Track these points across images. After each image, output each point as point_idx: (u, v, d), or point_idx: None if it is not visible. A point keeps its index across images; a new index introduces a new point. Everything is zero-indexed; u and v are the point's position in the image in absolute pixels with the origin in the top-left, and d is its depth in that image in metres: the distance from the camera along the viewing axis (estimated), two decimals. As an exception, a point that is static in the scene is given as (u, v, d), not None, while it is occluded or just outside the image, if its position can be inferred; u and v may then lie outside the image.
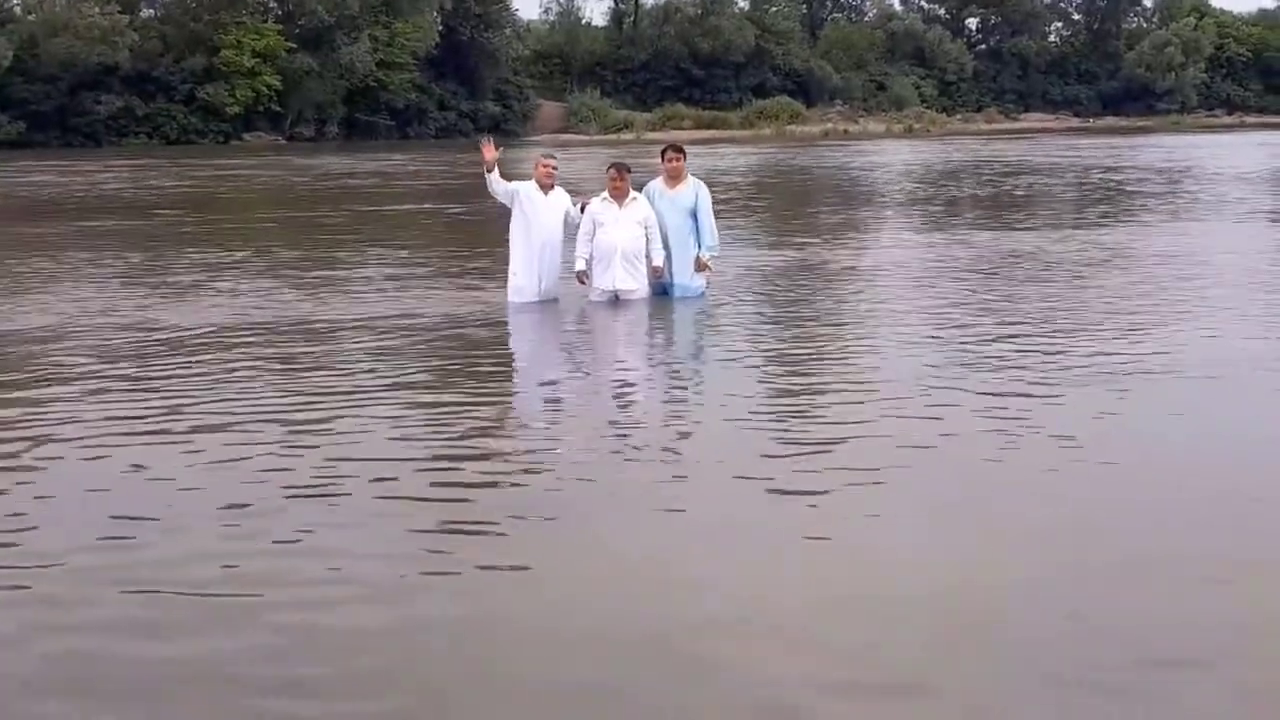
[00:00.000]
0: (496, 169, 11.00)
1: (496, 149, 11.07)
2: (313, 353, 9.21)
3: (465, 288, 12.46)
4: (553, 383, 8.47)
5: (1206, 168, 32.83)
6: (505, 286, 11.25)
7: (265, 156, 46.68)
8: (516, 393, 8.35)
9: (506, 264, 11.27)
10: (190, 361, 8.87)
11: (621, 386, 8.30)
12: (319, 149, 54.45)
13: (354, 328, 10.22)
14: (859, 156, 43.07)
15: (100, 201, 26.17)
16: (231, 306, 11.45)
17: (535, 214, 11.00)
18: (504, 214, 11.33)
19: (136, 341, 9.71)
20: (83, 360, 9.00)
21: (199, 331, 10.08)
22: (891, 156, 42.92)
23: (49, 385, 8.20)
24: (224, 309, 11.30)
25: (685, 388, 8.27)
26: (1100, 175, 30.77)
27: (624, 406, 7.72)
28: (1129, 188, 26.47)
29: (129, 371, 8.60)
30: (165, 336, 9.90)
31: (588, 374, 8.74)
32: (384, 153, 48.98)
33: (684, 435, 6.91)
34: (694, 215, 11.24)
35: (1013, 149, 46.85)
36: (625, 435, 6.87)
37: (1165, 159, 37.62)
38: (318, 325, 10.35)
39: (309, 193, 28.70)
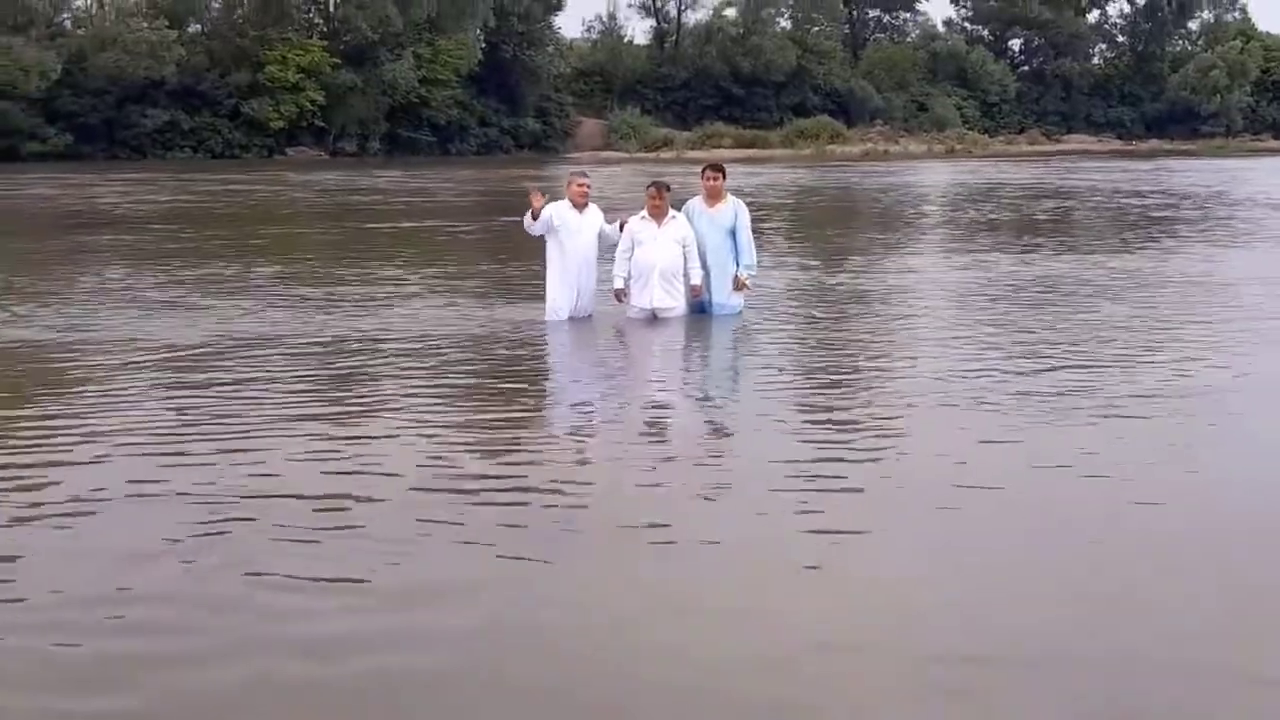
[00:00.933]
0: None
1: (543, 197, 11.13)
2: (350, 365, 9.28)
3: (503, 304, 12.51)
4: (588, 400, 8.49)
5: (1242, 193, 32.55)
6: (543, 303, 11.30)
7: (316, 173, 46.94)
8: (551, 410, 8.37)
9: (543, 280, 11.32)
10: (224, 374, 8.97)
11: (656, 405, 8.32)
12: (363, 164, 54.83)
13: (387, 343, 10.28)
14: (897, 177, 42.94)
15: (170, 213, 26.47)
16: (270, 319, 11.55)
17: (569, 233, 11.05)
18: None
19: (161, 356, 9.84)
20: (144, 369, 9.12)
21: (228, 344, 10.19)
22: (930, 176, 42.79)
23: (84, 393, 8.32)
24: (255, 319, 11.41)
25: (720, 407, 8.28)
26: (1124, 200, 30.54)
27: (658, 426, 7.74)
28: (1158, 213, 26.26)
29: (152, 383, 8.72)
30: (189, 352, 10.01)
31: (623, 392, 8.76)
32: (427, 168, 49.27)
33: (717, 456, 6.93)
34: (733, 234, 11.28)
35: (1049, 171, 46.55)
36: (659, 455, 6.89)
37: (1205, 183, 37.29)
38: (353, 340, 10.42)
39: (360, 207, 28.92)
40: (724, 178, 11.54)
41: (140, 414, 7.69)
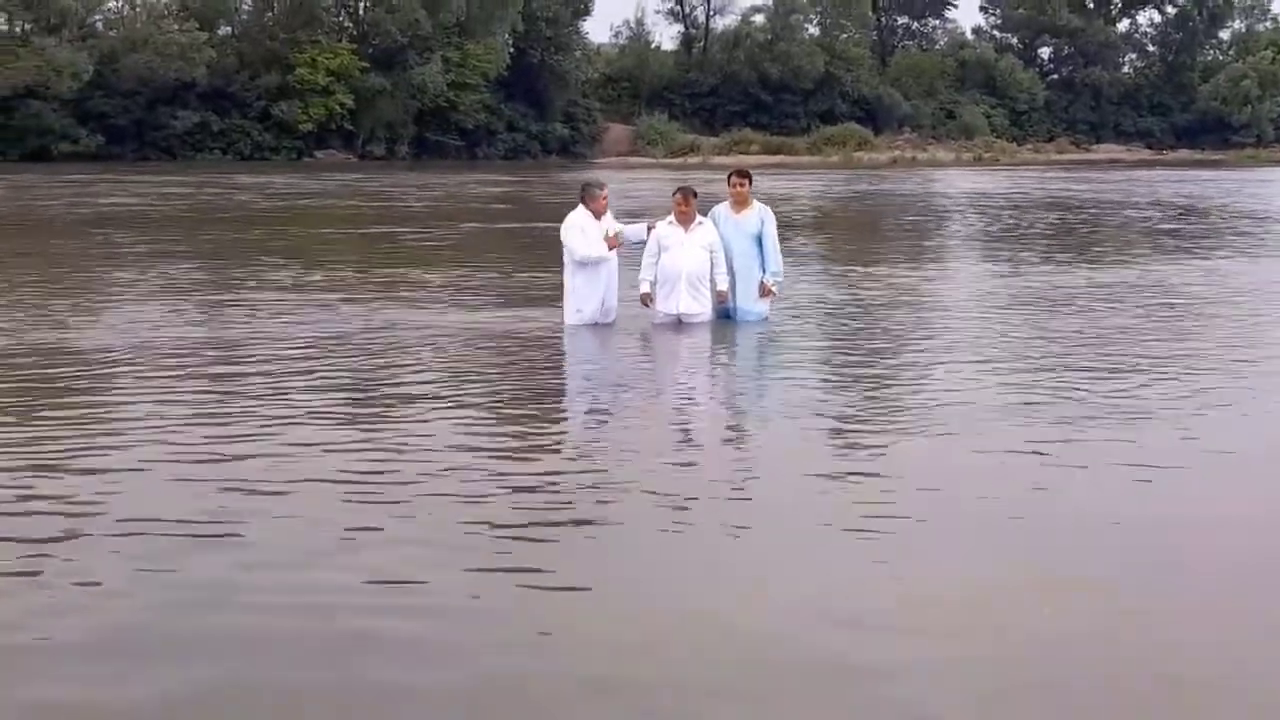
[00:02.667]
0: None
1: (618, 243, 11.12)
2: (371, 366, 9.32)
3: (525, 306, 12.53)
4: (610, 405, 8.50)
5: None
6: (562, 306, 11.30)
7: (350, 175, 47.11)
8: (574, 414, 8.36)
9: (563, 283, 11.31)
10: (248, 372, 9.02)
11: (681, 411, 8.32)
12: (391, 167, 55.04)
13: (412, 345, 10.31)
14: (925, 185, 42.83)
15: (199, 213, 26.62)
16: (300, 317, 11.60)
17: (597, 238, 11.02)
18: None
19: (185, 354, 9.89)
20: (155, 370, 9.18)
21: (252, 344, 10.24)
22: (958, 185, 42.65)
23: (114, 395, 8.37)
24: (284, 321, 11.46)
25: (745, 412, 8.27)
26: (1138, 212, 30.38)
27: (683, 430, 7.73)
28: (1166, 225, 26.10)
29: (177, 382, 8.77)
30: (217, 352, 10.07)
31: (647, 396, 8.76)
32: (454, 172, 49.40)
33: (742, 460, 6.93)
34: (759, 240, 11.27)
35: (1074, 181, 46.33)
36: (682, 462, 6.90)
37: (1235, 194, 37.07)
38: (374, 342, 10.45)
39: (382, 209, 29.03)
40: (751, 184, 11.54)
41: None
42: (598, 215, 11.17)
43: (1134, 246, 20.54)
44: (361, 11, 66.33)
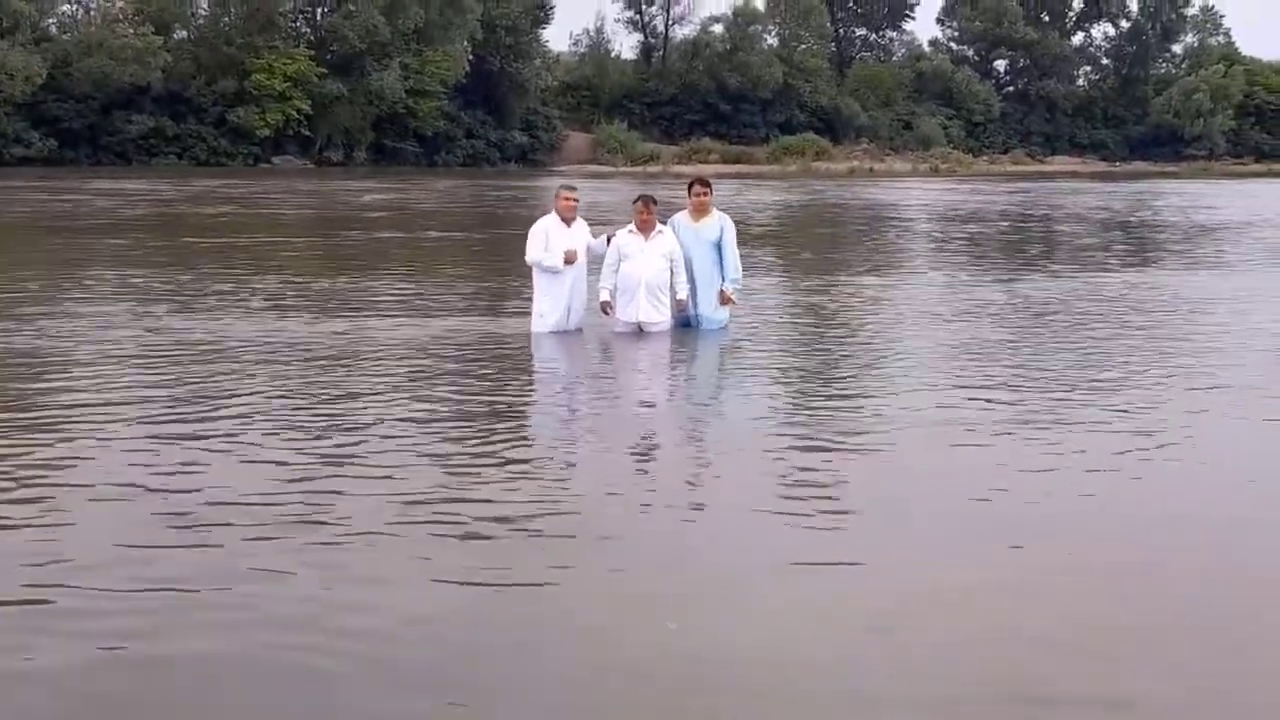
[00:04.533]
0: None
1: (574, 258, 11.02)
2: (334, 377, 9.23)
3: (487, 315, 12.48)
4: (574, 413, 8.48)
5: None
6: (528, 314, 11.26)
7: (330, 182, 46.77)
8: (537, 423, 8.32)
9: (527, 290, 11.26)
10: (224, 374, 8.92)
11: (642, 419, 8.30)
12: (349, 174, 54.76)
13: (376, 353, 10.23)
14: (882, 195, 43.06)
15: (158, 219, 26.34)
16: (262, 324, 11.50)
17: (559, 246, 10.99)
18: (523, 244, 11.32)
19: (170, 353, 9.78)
20: (133, 377, 9.06)
21: (223, 347, 10.13)
22: (914, 196, 42.92)
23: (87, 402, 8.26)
24: (250, 324, 11.35)
25: (706, 420, 8.26)
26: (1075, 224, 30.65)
27: (644, 438, 7.71)
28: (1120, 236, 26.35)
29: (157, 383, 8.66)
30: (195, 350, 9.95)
31: (609, 405, 8.73)
32: (412, 178, 49.21)
33: (703, 465, 6.92)
34: (718, 248, 11.27)
35: (1018, 192, 46.71)
36: (644, 469, 6.89)
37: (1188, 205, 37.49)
38: (336, 351, 10.36)
39: (344, 215, 28.85)
40: (711, 192, 11.54)
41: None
42: (566, 219, 11.11)
43: (1084, 256, 20.73)
44: (319, 17, 66.09)
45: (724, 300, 11.33)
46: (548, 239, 10.99)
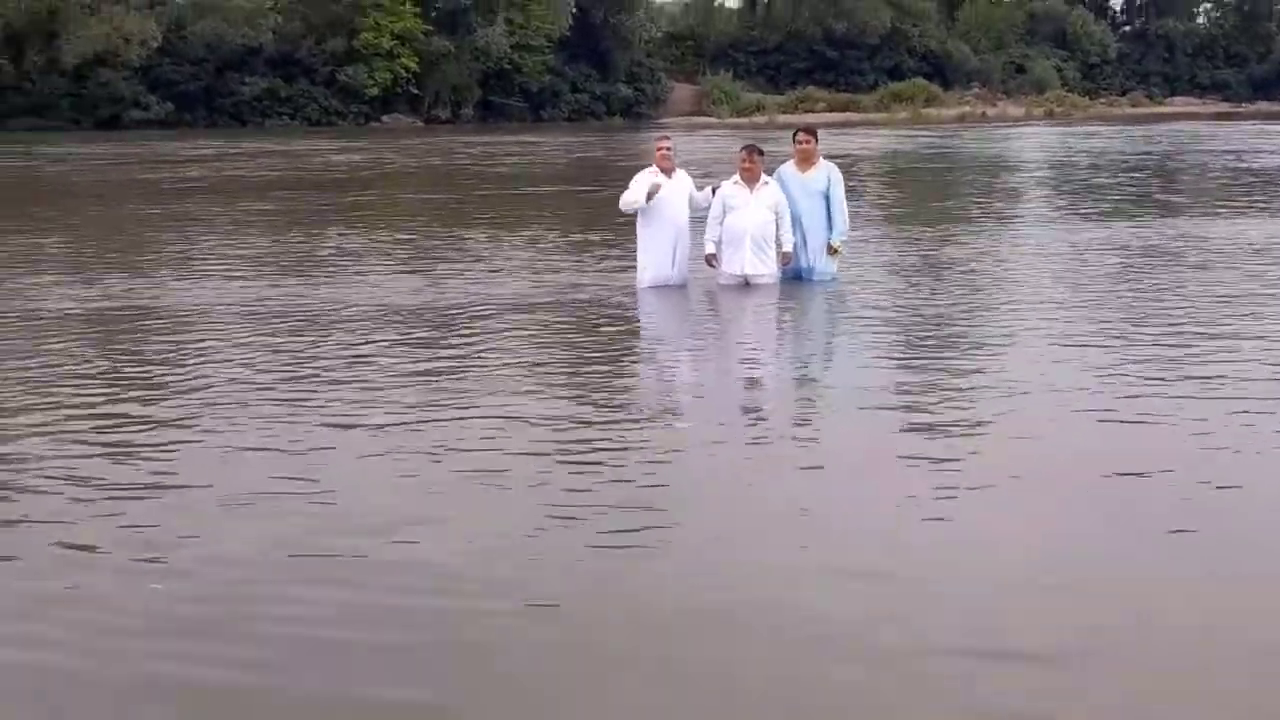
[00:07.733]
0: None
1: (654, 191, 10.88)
2: (439, 333, 9.32)
3: (594, 269, 12.48)
4: (679, 367, 8.46)
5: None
6: (634, 268, 11.22)
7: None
8: (643, 376, 8.31)
9: (634, 244, 11.21)
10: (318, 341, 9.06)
11: (749, 373, 8.25)
12: (458, 130, 55.12)
13: (480, 308, 10.29)
14: (995, 143, 42.18)
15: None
16: (370, 287, 11.64)
17: (658, 199, 10.88)
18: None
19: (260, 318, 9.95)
20: (232, 335, 9.25)
21: (328, 311, 10.28)
22: (1030, 140, 41.96)
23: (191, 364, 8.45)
24: (364, 289, 11.50)
25: (813, 376, 8.18)
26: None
27: (751, 392, 7.65)
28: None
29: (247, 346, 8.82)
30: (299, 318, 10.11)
31: (715, 359, 8.70)
32: (519, 134, 49.39)
33: (808, 423, 6.86)
34: (826, 199, 11.09)
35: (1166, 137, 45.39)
36: (752, 423, 6.84)
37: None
38: (443, 305, 10.45)
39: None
40: (816, 141, 11.36)
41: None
42: (665, 169, 11.02)
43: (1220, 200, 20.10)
44: (424, -27, 66.30)
45: (831, 252, 11.17)
46: (636, 183, 10.92)
